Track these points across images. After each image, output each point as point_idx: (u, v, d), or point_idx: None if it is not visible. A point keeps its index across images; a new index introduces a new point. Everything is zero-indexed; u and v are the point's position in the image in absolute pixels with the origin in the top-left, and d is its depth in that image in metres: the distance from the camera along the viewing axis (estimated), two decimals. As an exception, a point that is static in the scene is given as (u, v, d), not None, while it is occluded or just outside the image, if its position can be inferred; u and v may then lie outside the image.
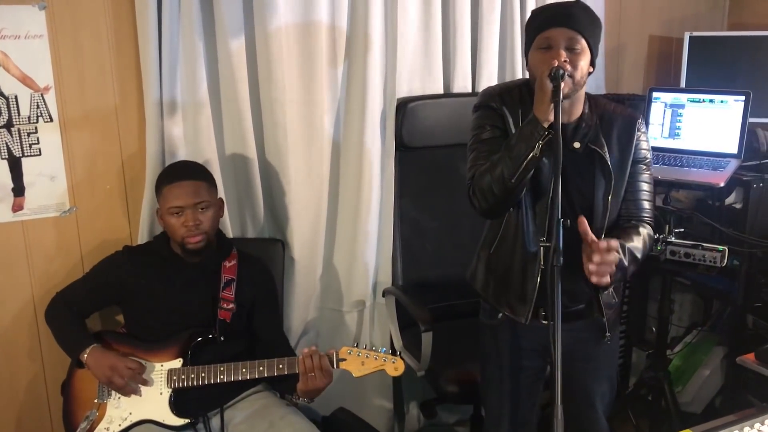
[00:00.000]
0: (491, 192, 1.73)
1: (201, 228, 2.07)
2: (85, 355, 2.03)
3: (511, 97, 1.83)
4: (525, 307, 1.85)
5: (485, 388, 2.08)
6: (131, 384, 2.02)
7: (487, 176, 1.73)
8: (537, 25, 1.76)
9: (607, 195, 1.82)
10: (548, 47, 1.72)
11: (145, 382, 2.04)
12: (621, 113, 1.87)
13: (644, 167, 1.88)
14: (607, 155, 1.80)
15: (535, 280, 1.82)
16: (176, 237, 2.09)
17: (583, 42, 1.72)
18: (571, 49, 1.71)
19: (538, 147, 1.65)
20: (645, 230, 1.85)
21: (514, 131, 1.79)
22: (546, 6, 1.83)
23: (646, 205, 1.88)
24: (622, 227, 1.86)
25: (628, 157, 1.84)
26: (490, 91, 1.88)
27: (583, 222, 1.66)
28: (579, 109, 1.82)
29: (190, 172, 2.12)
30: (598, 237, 1.80)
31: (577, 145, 1.80)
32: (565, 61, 1.68)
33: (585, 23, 1.73)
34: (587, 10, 1.77)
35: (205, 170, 2.18)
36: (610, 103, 1.90)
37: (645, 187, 1.88)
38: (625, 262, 1.74)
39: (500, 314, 1.94)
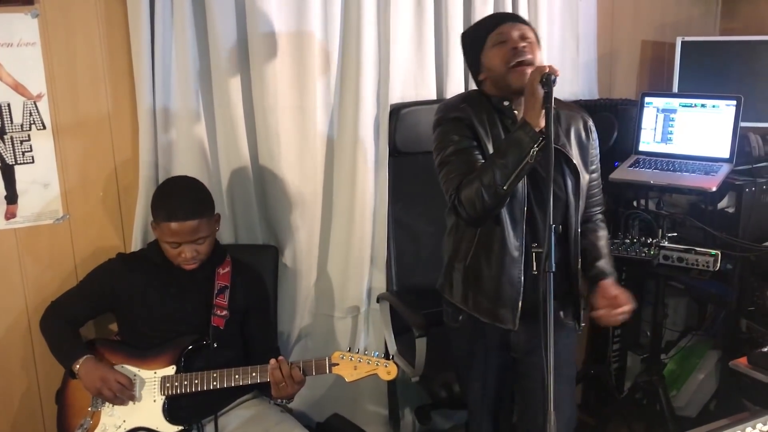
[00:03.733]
0: (481, 200, 1.71)
1: (197, 258, 2.07)
2: (78, 366, 2.03)
3: (472, 105, 1.85)
4: (512, 314, 1.86)
5: (463, 387, 2.12)
6: (120, 397, 2.02)
7: (476, 184, 1.71)
8: (485, 28, 1.85)
9: (577, 190, 1.86)
10: (504, 41, 1.79)
11: (134, 397, 2.05)
12: (575, 111, 1.95)
13: (596, 161, 1.98)
14: (572, 153, 1.86)
15: (519, 286, 1.83)
16: (172, 261, 2.09)
17: (532, 34, 1.81)
18: (525, 38, 1.79)
19: (533, 152, 1.65)
20: (604, 231, 2.03)
21: (486, 137, 1.81)
22: (486, 17, 1.95)
23: (598, 198, 2.02)
24: (593, 240, 1.98)
25: (588, 152, 1.92)
26: (450, 103, 1.90)
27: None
28: None
29: (190, 209, 2.02)
30: (576, 233, 1.90)
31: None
32: (524, 47, 1.76)
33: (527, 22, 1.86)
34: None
35: (204, 200, 2.10)
36: (564, 103, 1.97)
37: (597, 178, 2.00)
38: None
39: (461, 316, 1.95)
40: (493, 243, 1.84)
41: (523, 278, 1.83)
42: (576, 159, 1.87)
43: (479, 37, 1.84)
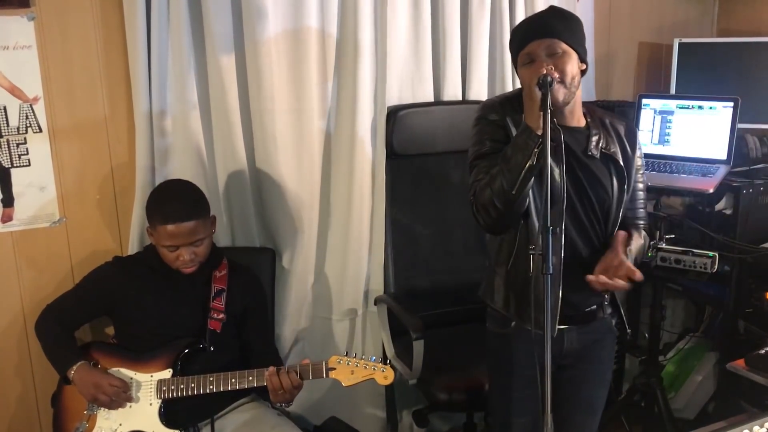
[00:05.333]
0: (494, 206, 1.71)
1: (196, 260, 2.06)
2: (72, 373, 2.03)
3: (512, 106, 1.82)
4: (552, 320, 1.83)
5: (494, 395, 2.05)
6: (116, 401, 2.02)
7: (488, 190, 1.72)
8: (517, 43, 1.79)
9: (621, 198, 1.84)
10: (531, 62, 1.74)
11: (130, 399, 2.04)
12: (618, 120, 1.91)
13: (640, 174, 1.92)
14: (620, 158, 1.84)
15: (557, 292, 1.79)
16: (170, 265, 2.08)
17: (563, 45, 1.73)
18: (553, 55, 1.72)
19: (535, 155, 1.65)
20: (642, 236, 1.91)
21: None
22: (521, 22, 1.87)
23: (642, 212, 1.94)
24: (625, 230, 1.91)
25: (633, 160, 1.89)
26: (489, 103, 1.87)
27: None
28: (580, 112, 1.84)
29: (186, 211, 2.02)
30: (610, 240, 1.85)
31: (595, 151, 1.82)
32: (551, 68, 1.67)
33: (560, 28, 1.74)
34: (561, 12, 1.80)
35: (199, 201, 2.10)
36: (606, 112, 1.93)
37: (641, 195, 1.93)
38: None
39: (513, 322, 1.91)
40: (528, 245, 1.80)
41: (561, 285, 1.79)
42: (625, 165, 1.84)
43: (513, 53, 1.82)
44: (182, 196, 2.09)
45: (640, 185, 1.93)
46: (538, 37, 1.74)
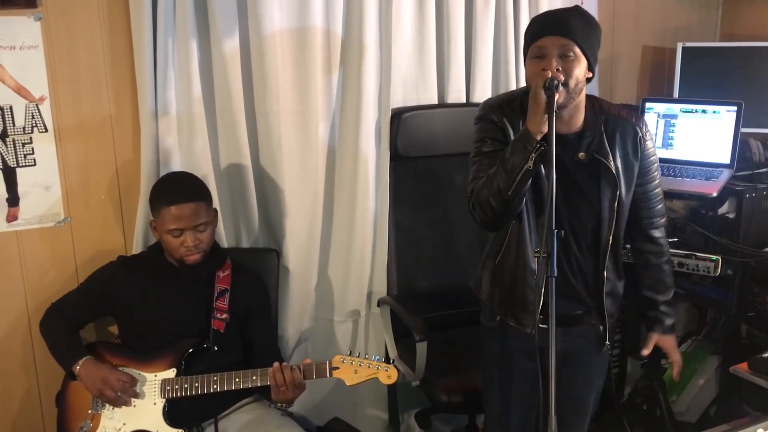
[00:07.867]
0: (489, 205, 1.74)
1: (200, 247, 2.08)
2: (78, 368, 2.03)
3: (511, 109, 1.83)
4: (530, 318, 1.86)
5: (486, 389, 2.09)
6: (122, 396, 2.02)
7: (485, 190, 1.74)
8: (531, 34, 1.77)
9: (614, 203, 1.82)
10: (541, 56, 1.72)
11: (136, 394, 2.05)
12: (626, 117, 1.86)
13: (653, 170, 1.92)
14: (612, 164, 1.81)
15: (538, 290, 1.81)
16: (175, 255, 2.09)
17: (577, 49, 1.71)
18: (564, 57, 1.70)
19: (531, 159, 1.66)
20: (664, 257, 2.02)
21: None
22: (542, 14, 1.83)
23: (659, 207, 1.96)
24: (646, 268, 2.03)
25: (635, 165, 1.85)
26: (490, 104, 1.87)
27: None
28: (580, 118, 1.82)
29: (189, 193, 2.08)
30: (606, 246, 1.85)
31: (582, 155, 1.81)
32: (558, 70, 1.68)
33: (579, 30, 1.72)
34: (583, 16, 1.77)
35: (202, 187, 2.16)
36: (614, 106, 1.89)
37: (656, 190, 1.94)
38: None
39: (498, 317, 1.95)
40: (518, 247, 1.86)
41: (544, 282, 1.81)
42: (617, 170, 1.81)
43: (525, 43, 1.79)
44: (184, 181, 2.15)
45: (656, 182, 1.93)
46: (555, 33, 1.71)
